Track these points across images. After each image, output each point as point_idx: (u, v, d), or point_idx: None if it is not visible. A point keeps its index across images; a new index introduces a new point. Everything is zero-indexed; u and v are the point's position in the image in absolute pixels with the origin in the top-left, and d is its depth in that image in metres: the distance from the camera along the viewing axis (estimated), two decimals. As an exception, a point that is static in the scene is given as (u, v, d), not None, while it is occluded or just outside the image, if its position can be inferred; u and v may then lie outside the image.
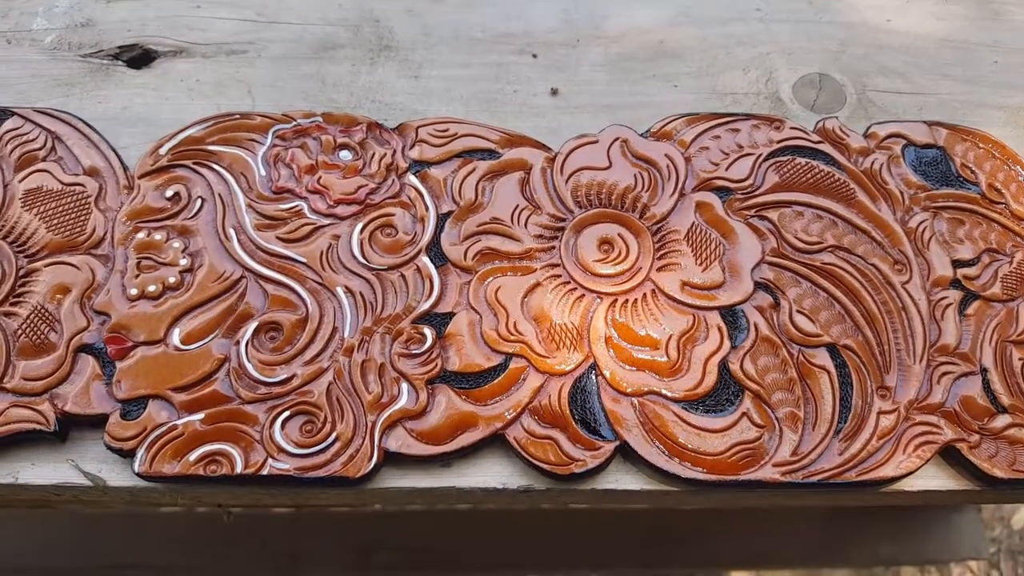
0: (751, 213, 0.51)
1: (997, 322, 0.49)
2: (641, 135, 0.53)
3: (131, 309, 0.46)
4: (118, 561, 0.93)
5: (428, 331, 0.46)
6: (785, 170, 0.52)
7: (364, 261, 0.48)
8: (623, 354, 0.46)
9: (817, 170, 0.53)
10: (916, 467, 0.45)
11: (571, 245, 0.49)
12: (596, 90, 0.58)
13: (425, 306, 0.47)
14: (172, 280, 0.47)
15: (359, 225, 0.49)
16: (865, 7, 0.63)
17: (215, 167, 0.50)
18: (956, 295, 0.49)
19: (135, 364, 0.45)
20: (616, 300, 0.48)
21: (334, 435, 0.44)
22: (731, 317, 0.48)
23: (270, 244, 0.48)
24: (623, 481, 0.45)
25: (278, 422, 0.44)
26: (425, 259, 0.48)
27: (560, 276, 0.48)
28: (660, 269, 0.49)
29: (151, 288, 0.46)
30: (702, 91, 0.58)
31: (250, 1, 0.60)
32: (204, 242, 0.48)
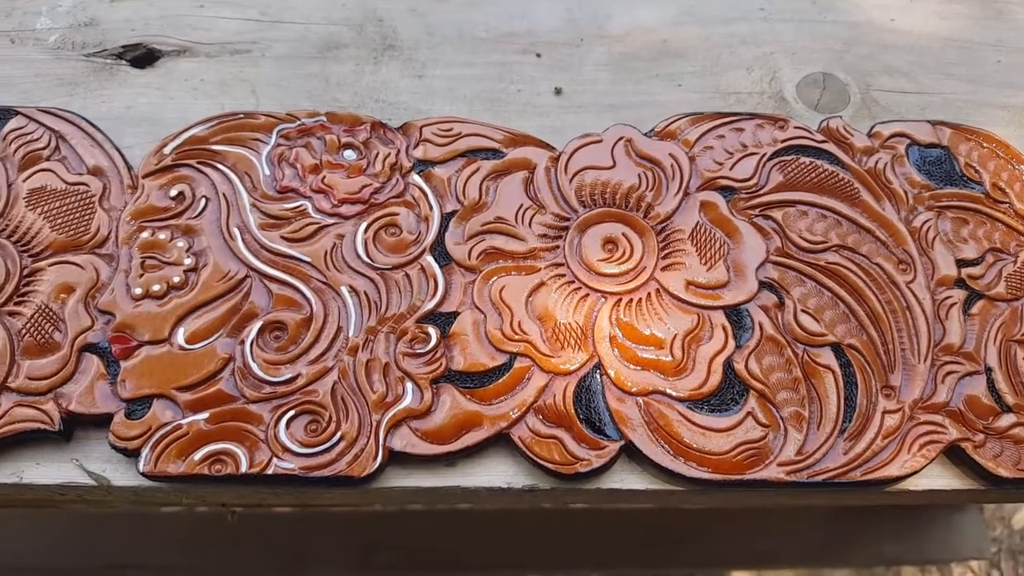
0: (755, 212, 0.51)
1: (1001, 321, 0.49)
2: (645, 134, 0.53)
3: (135, 308, 0.46)
4: (121, 561, 0.93)
5: (432, 330, 0.46)
6: (789, 169, 0.52)
7: (368, 260, 0.48)
8: (628, 353, 0.46)
9: (821, 169, 0.53)
10: (921, 466, 0.45)
11: (575, 244, 0.49)
12: (600, 89, 0.58)
13: (429, 305, 0.47)
14: (176, 279, 0.47)
15: (363, 224, 0.49)
16: (869, 7, 0.63)
17: (219, 166, 0.50)
18: (960, 294, 0.49)
19: (139, 363, 0.45)
20: (620, 299, 0.48)
21: (339, 434, 0.44)
22: (735, 316, 0.48)
23: (274, 243, 0.48)
24: (628, 481, 0.45)
25: (283, 421, 0.44)
26: (429, 258, 0.48)
27: (564, 275, 0.48)
28: (664, 268, 0.49)
29: (155, 287, 0.46)
30: (706, 90, 0.58)
31: (254, 0, 0.60)
32: (208, 241, 0.48)
